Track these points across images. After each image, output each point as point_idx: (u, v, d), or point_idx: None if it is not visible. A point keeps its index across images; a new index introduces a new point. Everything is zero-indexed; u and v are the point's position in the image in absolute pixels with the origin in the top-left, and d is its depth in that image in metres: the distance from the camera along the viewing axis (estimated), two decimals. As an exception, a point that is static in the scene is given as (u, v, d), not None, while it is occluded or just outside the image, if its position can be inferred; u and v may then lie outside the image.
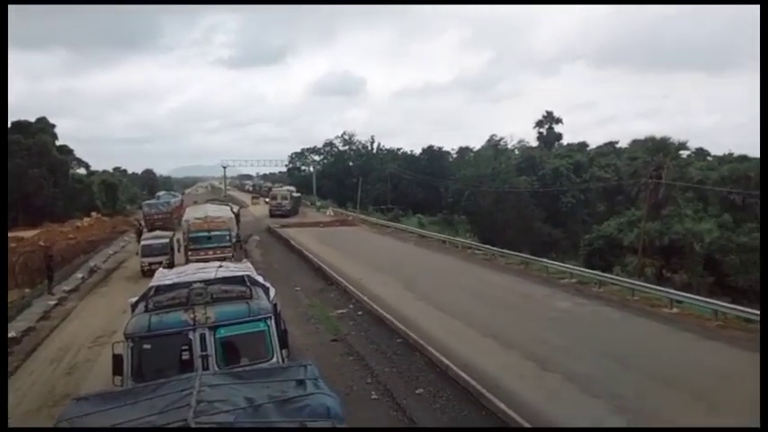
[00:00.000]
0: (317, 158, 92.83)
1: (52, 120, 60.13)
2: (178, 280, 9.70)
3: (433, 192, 72.41)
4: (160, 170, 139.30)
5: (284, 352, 8.39)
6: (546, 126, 78.44)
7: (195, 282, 8.97)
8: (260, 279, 10.53)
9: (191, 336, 7.92)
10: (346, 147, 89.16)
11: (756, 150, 49.62)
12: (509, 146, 77.02)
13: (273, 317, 8.53)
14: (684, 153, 45.89)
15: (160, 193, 53.05)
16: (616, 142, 73.91)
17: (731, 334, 14.71)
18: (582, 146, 75.61)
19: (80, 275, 26.69)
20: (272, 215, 52.27)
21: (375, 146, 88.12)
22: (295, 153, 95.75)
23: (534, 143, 77.41)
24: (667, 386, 11.10)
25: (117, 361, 7.88)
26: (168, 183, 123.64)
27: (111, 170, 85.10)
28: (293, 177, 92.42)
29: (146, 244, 26.13)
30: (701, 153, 65.42)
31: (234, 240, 26.11)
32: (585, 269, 25.19)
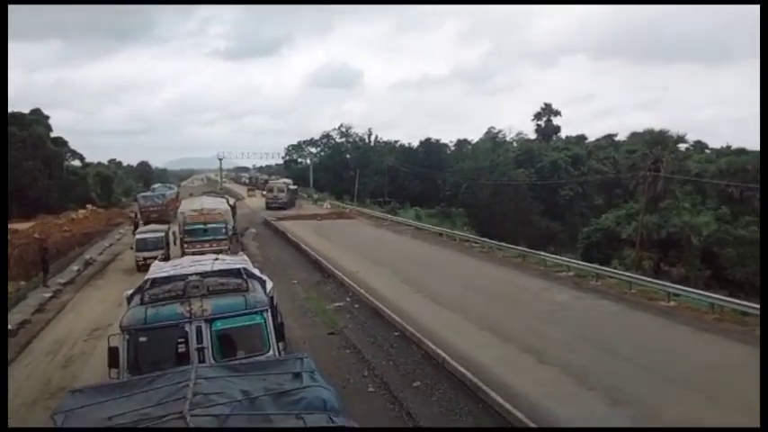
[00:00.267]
0: (314, 151, 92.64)
1: (47, 111, 59.76)
2: (174, 272, 9.63)
3: (431, 184, 72.34)
4: (156, 162, 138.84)
5: (281, 345, 8.36)
6: (544, 118, 78.37)
7: (191, 274, 8.91)
8: (256, 272, 10.47)
9: (187, 328, 7.87)
10: (343, 139, 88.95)
11: (755, 143, 49.76)
12: (507, 138, 76.92)
13: (270, 309, 8.49)
14: (683, 146, 46.00)
15: (156, 186, 52.94)
16: (615, 135, 73.94)
17: (728, 327, 14.75)
18: (580, 138, 75.62)
19: (75, 268, 26.57)
20: (269, 208, 52.18)
21: (372, 138, 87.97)
22: (292, 145, 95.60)
23: (532, 136, 77.35)
24: (664, 379, 11.11)
25: (113, 353, 7.84)
26: (164, 175, 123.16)
27: (106, 162, 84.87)
28: (290, 170, 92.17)
29: (140, 238, 25.58)
30: (700, 146, 65.54)
31: (230, 233, 26.02)
32: (583, 262, 25.21)
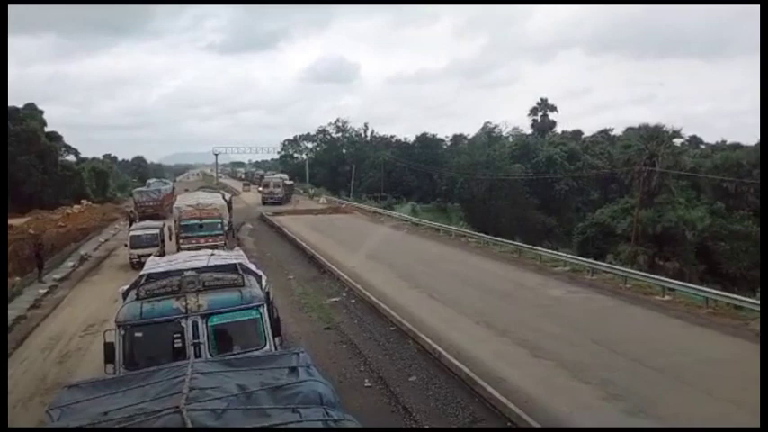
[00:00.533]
0: (310, 146, 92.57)
1: (41, 106, 59.37)
2: (170, 268, 9.62)
3: (427, 179, 72.42)
4: (151, 157, 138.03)
5: (277, 340, 8.36)
6: (540, 113, 78.50)
7: (187, 270, 8.89)
8: (252, 267, 10.46)
9: (183, 323, 7.86)
10: (339, 134, 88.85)
11: (750, 138, 49.92)
12: (503, 133, 77.13)
13: (266, 305, 8.48)
14: (678, 141, 45.99)
15: (151, 181, 52.75)
16: (610, 130, 74.21)
17: (722, 321, 14.85)
18: (576, 134, 75.78)
19: (71, 263, 26.48)
20: (265, 203, 52.12)
21: (369, 133, 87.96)
22: (288, 140, 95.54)
23: (528, 131, 77.54)
24: (658, 372, 11.20)
25: (108, 349, 7.82)
26: (159, 170, 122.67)
27: (101, 157, 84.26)
28: (286, 165, 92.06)
29: (135, 235, 25.03)
30: (695, 141, 65.80)
31: (226, 228, 25.97)
32: (578, 257, 25.31)
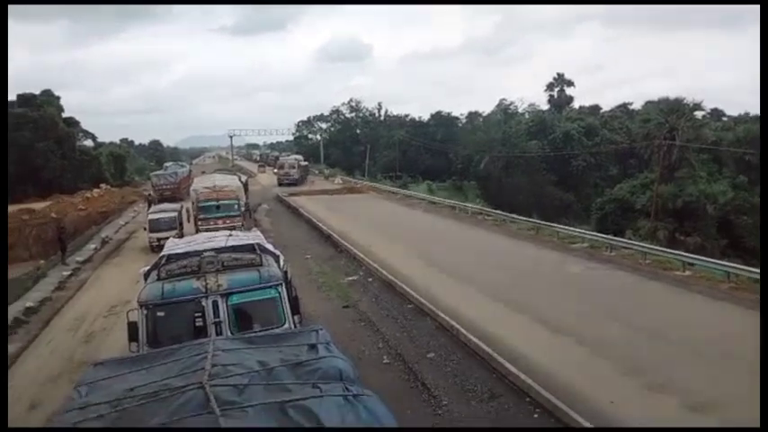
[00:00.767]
0: (324, 126, 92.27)
1: (57, 92, 59.91)
2: (189, 249, 9.73)
3: (443, 158, 71.85)
4: (167, 141, 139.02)
5: (296, 318, 8.45)
6: (557, 89, 76.85)
7: (206, 250, 8.99)
8: (270, 247, 10.55)
9: (203, 303, 7.99)
10: (353, 114, 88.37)
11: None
12: (519, 110, 75.72)
13: (284, 284, 8.56)
14: (699, 114, 44.93)
15: (168, 164, 53.18)
16: (629, 104, 72.41)
17: (743, 296, 14.64)
18: (594, 108, 74.23)
19: (92, 246, 26.98)
20: (281, 184, 52.34)
21: (383, 113, 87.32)
22: (302, 121, 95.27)
23: (545, 107, 76.06)
24: (678, 347, 11.12)
25: (132, 328, 7.99)
26: (176, 153, 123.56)
27: (117, 142, 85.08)
28: (300, 146, 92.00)
29: (153, 218, 25.02)
30: (717, 113, 64.08)
31: (243, 209, 26.16)
32: (597, 233, 25.05)
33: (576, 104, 76.17)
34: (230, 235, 11.46)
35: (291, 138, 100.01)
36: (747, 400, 8.66)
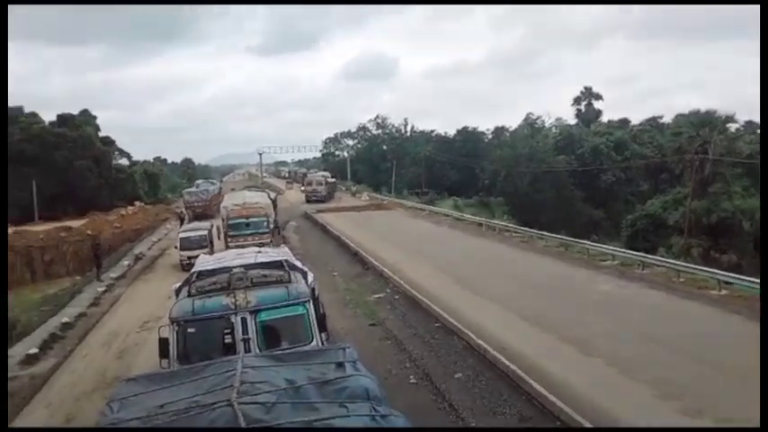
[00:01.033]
0: (351, 143, 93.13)
1: (95, 112, 62.33)
2: (219, 265, 9.92)
3: (469, 174, 71.60)
4: (198, 159, 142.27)
5: (323, 335, 8.50)
6: (584, 102, 75.98)
7: (235, 267, 9.15)
8: (298, 264, 10.65)
9: (233, 319, 8.12)
10: (380, 130, 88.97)
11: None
12: (546, 124, 75.04)
13: (312, 300, 8.64)
14: (732, 126, 43.78)
15: (199, 182, 54.39)
16: (659, 117, 71.07)
17: (785, 315, 14.05)
18: (623, 122, 73.00)
19: (126, 263, 27.66)
20: (309, 201, 52.92)
21: (408, 128, 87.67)
22: (329, 138, 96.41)
23: (572, 121, 75.23)
24: (716, 370, 10.73)
25: (163, 344, 8.16)
26: (206, 171, 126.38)
27: (151, 160, 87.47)
28: (327, 163, 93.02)
29: (184, 237, 25.08)
30: (751, 126, 62.19)
31: (272, 226, 26.51)
32: (628, 251, 24.48)
33: (605, 118, 75.11)
34: (259, 251, 11.65)
35: (319, 155, 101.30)
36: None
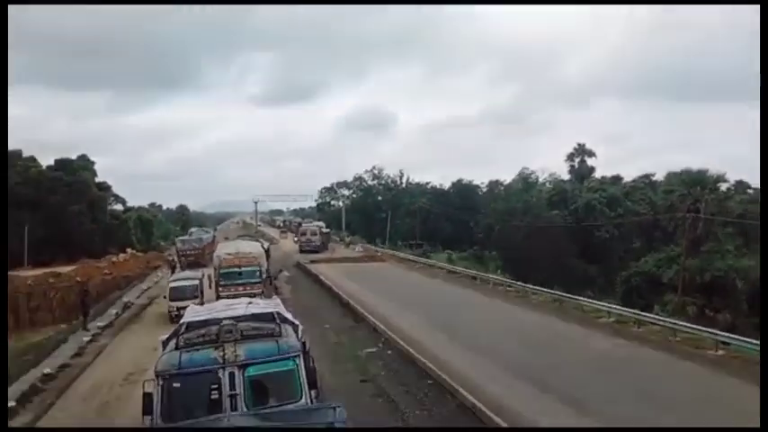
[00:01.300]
0: (347, 193, 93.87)
1: (93, 157, 62.90)
2: (209, 316, 9.72)
3: (463, 227, 71.96)
4: (194, 205, 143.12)
5: (313, 393, 8.22)
6: (578, 159, 77.26)
7: (225, 318, 8.97)
8: (289, 316, 10.49)
9: (220, 374, 7.86)
10: (375, 181, 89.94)
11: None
12: (540, 179, 76.21)
13: (302, 355, 8.42)
14: (723, 186, 44.48)
15: (193, 230, 54.41)
16: (651, 175, 72.27)
17: (784, 378, 13.81)
18: (616, 179, 74.22)
19: (114, 311, 27.15)
20: (302, 251, 52.72)
21: (404, 180, 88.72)
22: (325, 188, 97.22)
23: (566, 176, 76.41)
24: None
25: (147, 400, 7.86)
26: (201, 218, 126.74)
27: (146, 206, 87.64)
28: (323, 212, 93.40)
29: (174, 286, 24.47)
30: (742, 186, 63.30)
31: (264, 276, 26.28)
32: (623, 308, 24.30)
33: (598, 174, 76.31)
34: (250, 302, 11.47)
35: (314, 204, 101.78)
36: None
